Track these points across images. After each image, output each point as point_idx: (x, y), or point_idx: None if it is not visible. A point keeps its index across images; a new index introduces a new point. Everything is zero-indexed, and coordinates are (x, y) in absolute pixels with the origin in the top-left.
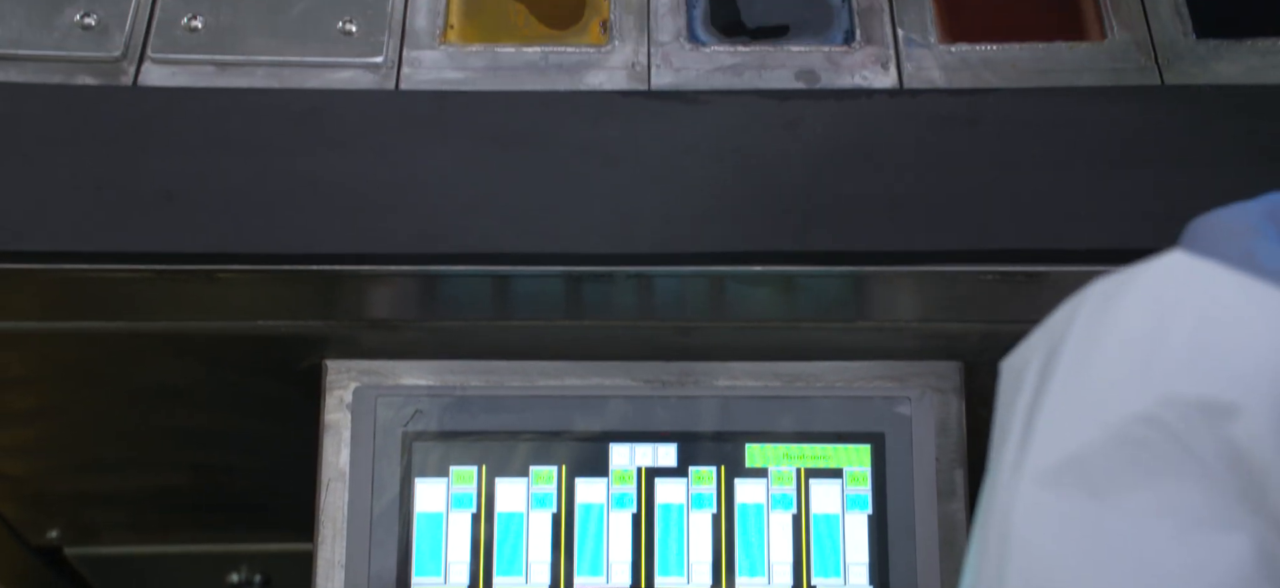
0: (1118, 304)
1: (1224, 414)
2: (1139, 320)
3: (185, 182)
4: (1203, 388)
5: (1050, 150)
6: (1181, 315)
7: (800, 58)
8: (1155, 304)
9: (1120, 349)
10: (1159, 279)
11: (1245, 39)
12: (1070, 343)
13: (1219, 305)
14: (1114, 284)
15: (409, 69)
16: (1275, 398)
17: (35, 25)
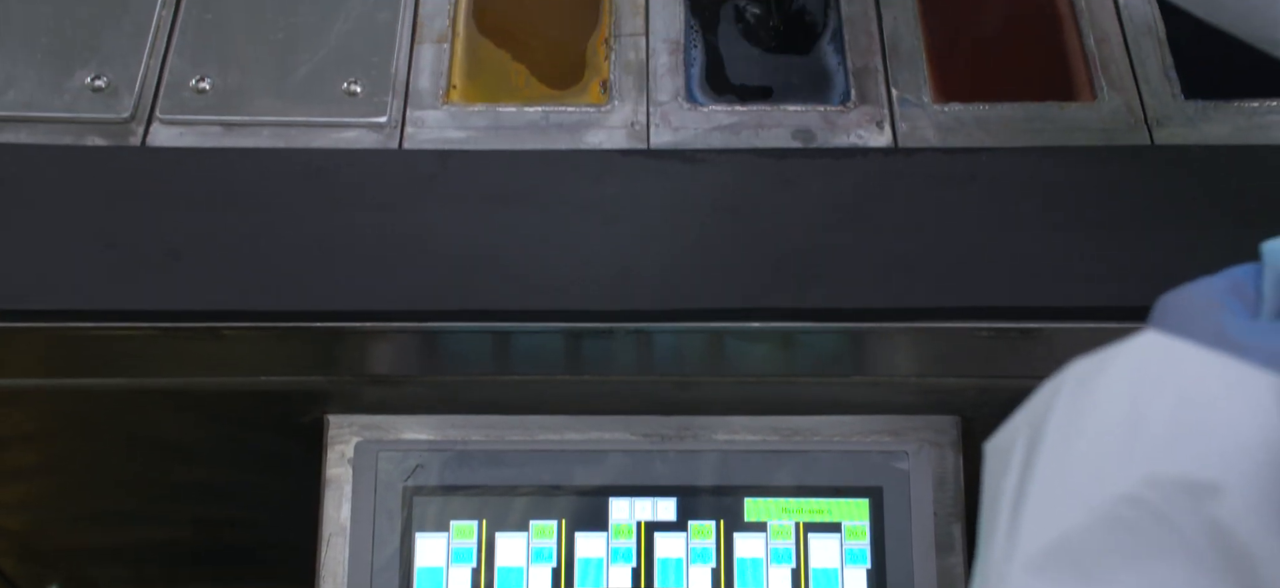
0: (1096, 386)
1: (1207, 493)
2: (1118, 402)
3: (191, 240)
4: (1185, 467)
5: (1043, 209)
6: (1159, 396)
7: (797, 117)
8: (1132, 385)
9: (1101, 431)
10: (1135, 360)
11: (1233, 101)
12: (1052, 426)
13: (1195, 385)
14: (1091, 366)
15: (412, 128)
16: (1256, 476)
17: (47, 88)
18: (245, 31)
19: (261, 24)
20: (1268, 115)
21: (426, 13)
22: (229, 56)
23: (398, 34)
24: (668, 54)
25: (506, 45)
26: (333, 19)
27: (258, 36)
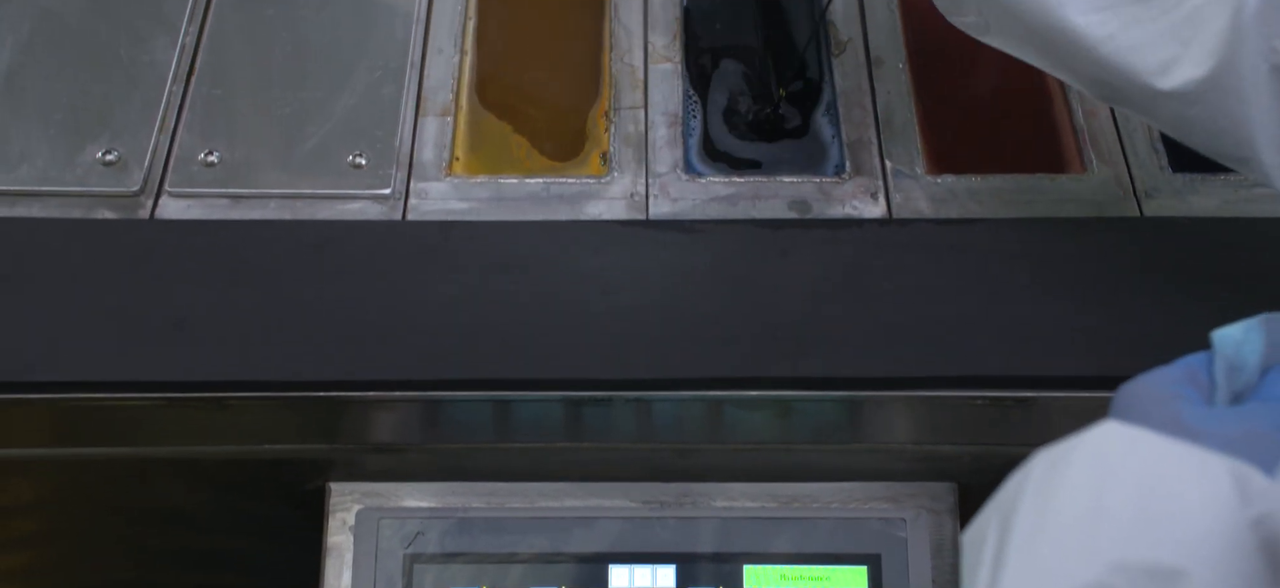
0: (1061, 476)
1: (1170, 579)
2: (1082, 492)
3: (197, 311)
4: (1149, 554)
5: (1035, 279)
6: (1122, 484)
7: (792, 188)
8: (1096, 475)
9: (1067, 521)
10: (1097, 450)
11: (1219, 174)
12: (1020, 517)
13: (1155, 472)
14: (1055, 456)
15: (416, 200)
16: (1218, 561)
17: (60, 163)
18: (253, 107)
19: (269, 99)
20: (1253, 188)
21: (430, 87)
22: (237, 131)
23: (402, 107)
24: (666, 127)
25: (508, 118)
26: (339, 94)
27: (266, 111)
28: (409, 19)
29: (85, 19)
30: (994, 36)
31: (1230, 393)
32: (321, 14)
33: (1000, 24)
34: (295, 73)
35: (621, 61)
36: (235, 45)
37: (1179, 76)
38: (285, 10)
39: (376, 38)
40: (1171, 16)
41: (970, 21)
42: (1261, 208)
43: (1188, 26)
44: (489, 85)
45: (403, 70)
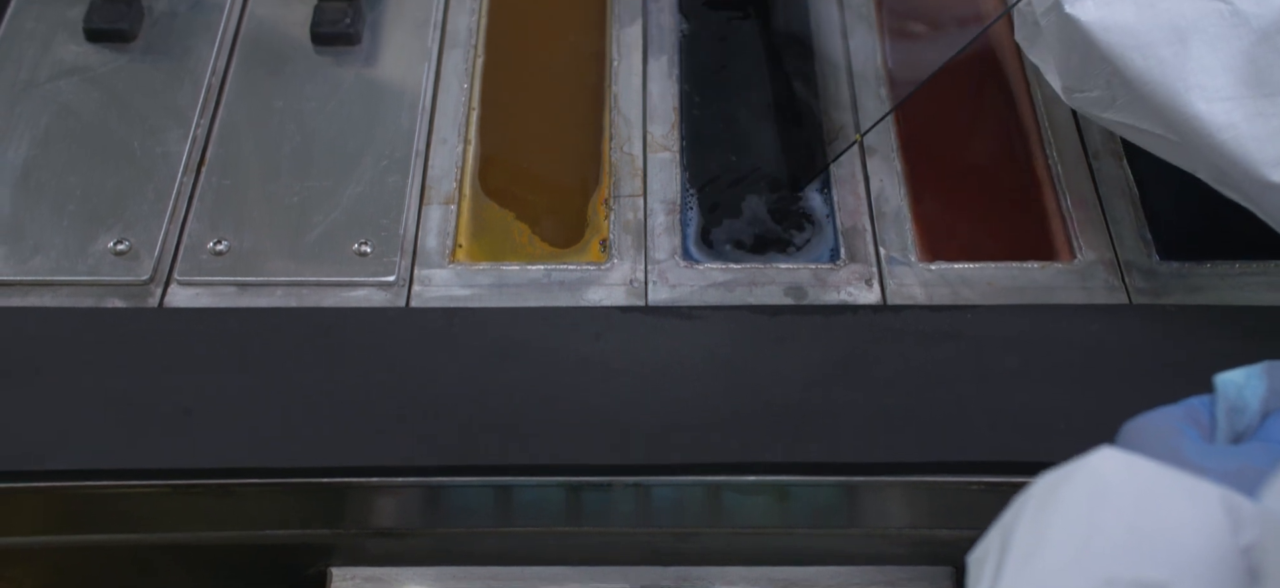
0: (1059, 497)
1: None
2: (1079, 511)
3: (203, 398)
4: (1139, 570)
5: (1028, 365)
6: (1117, 505)
7: (789, 275)
8: (1092, 496)
9: (1063, 538)
10: (1095, 473)
11: (1206, 262)
12: (1018, 535)
13: (1149, 495)
14: (1056, 478)
15: (419, 287)
16: (1205, 578)
17: (72, 254)
18: (262, 196)
19: (277, 189)
20: (1240, 276)
21: (434, 176)
22: (246, 220)
23: (407, 196)
24: (665, 214)
25: (510, 206)
26: (345, 183)
27: (274, 201)
28: (414, 109)
29: (101, 113)
30: (1116, 112)
31: (1231, 433)
32: (329, 105)
33: (1125, 101)
34: (303, 163)
35: (621, 151)
36: (245, 136)
37: None
38: (294, 102)
39: (382, 128)
40: None
41: (1095, 96)
42: (1248, 296)
43: None
44: (491, 174)
45: (408, 160)
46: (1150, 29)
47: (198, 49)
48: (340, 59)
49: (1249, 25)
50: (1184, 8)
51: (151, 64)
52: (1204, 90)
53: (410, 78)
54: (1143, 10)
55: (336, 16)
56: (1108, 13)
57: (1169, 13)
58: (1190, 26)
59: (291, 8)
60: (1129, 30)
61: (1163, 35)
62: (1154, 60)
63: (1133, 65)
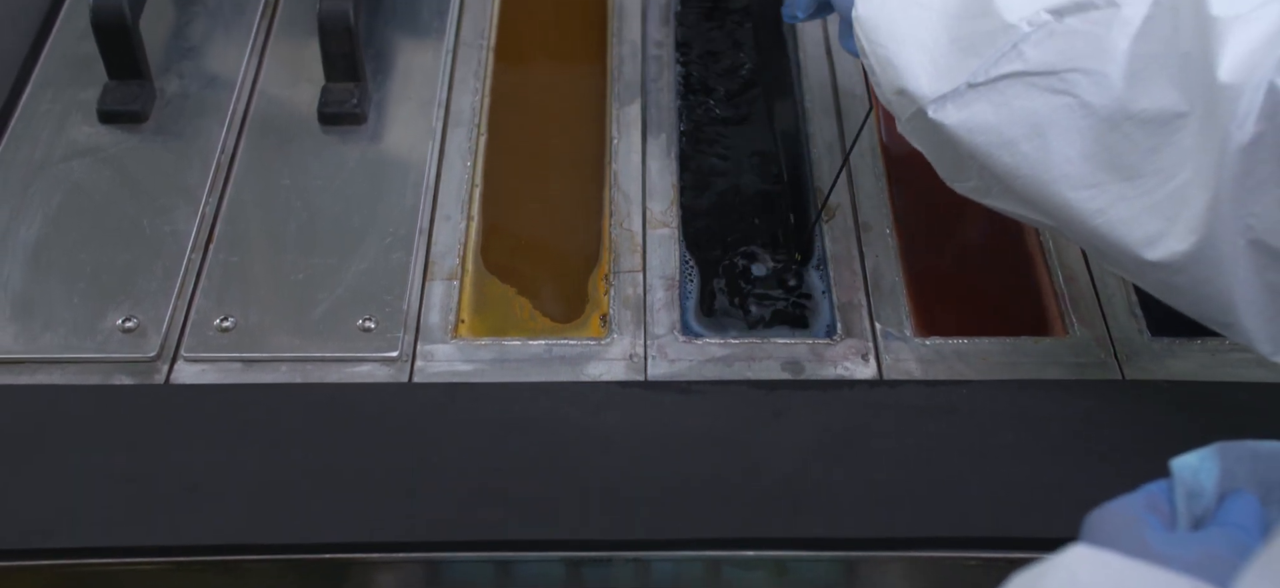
0: None
1: None
2: None
3: (209, 474)
4: None
5: (1023, 440)
6: None
7: (786, 350)
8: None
9: None
10: (1070, 572)
11: (1196, 338)
12: None
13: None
14: (1030, 578)
15: (422, 362)
16: None
17: (81, 331)
18: (268, 273)
19: (284, 266)
20: (1230, 353)
21: (438, 252)
22: (252, 296)
23: (411, 272)
24: (664, 289)
25: (512, 281)
26: (350, 259)
27: (280, 277)
28: (419, 187)
29: (112, 192)
30: (994, 200)
31: (1191, 518)
32: (335, 183)
33: (999, 191)
34: (309, 240)
35: (621, 227)
36: (253, 214)
37: (1164, 249)
38: (301, 180)
39: (387, 205)
40: (1155, 195)
41: (972, 186)
42: (1236, 372)
43: (1171, 204)
44: (494, 250)
45: (412, 236)
46: (1010, 126)
47: (208, 129)
48: (346, 138)
49: (1097, 115)
50: (1036, 104)
51: (162, 144)
52: (1069, 180)
53: (415, 156)
54: (1000, 109)
55: (343, 97)
56: (968, 116)
57: (1024, 110)
58: (1045, 121)
59: (299, 88)
60: (991, 129)
61: (1022, 132)
62: (1019, 156)
63: (1000, 162)
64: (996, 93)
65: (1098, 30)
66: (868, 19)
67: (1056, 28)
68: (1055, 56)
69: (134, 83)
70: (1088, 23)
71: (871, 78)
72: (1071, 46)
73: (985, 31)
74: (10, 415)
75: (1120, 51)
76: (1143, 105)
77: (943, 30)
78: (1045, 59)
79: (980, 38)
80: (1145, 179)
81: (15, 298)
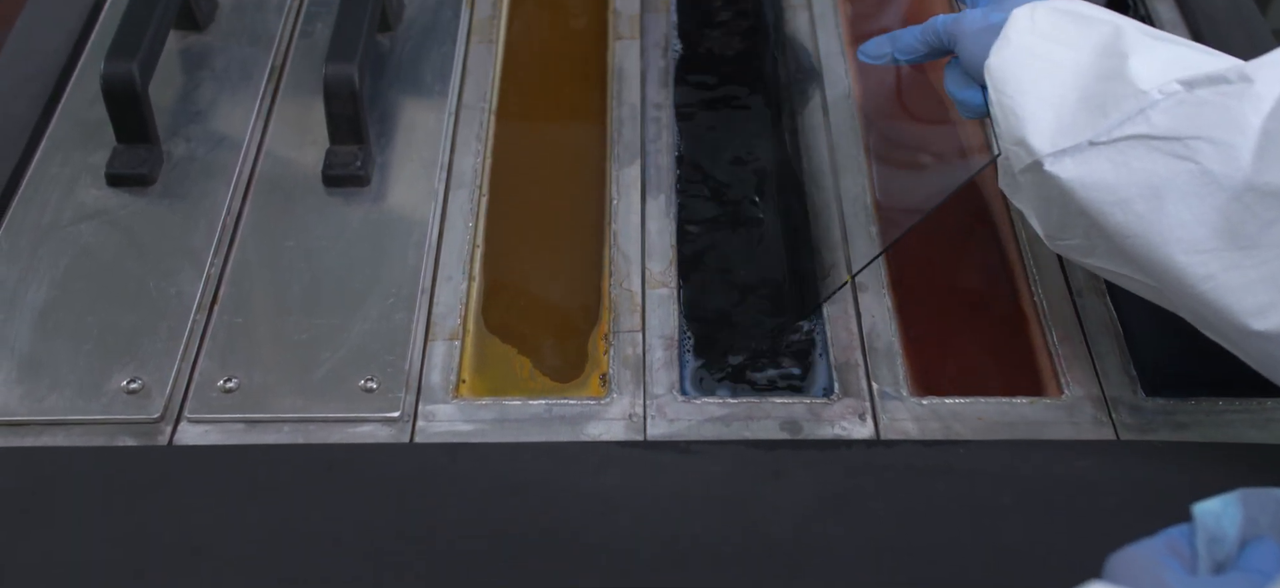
0: None
1: None
2: None
3: (211, 535)
4: None
5: (1020, 501)
6: None
7: (784, 409)
8: None
9: None
10: None
11: (1190, 398)
12: None
13: None
14: None
15: (423, 422)
16: None
17: (86, 393)
18: (272, 334)
19: (287, 326)
20: (1225, 413)
21: (439, 313)
22: (256, 357)
23: (412, 332)
24: (663, 349)
25: (512, 341)
26: (353, 320)
27: (283, 338)
28: (421, 248)
29: (119, 255)
30: (1096, 259)
31: (1212, 564)
32: (338, 244)
33: (1104, 250)
34: (312, 300)
35: (620, 287)
36: (257, 275)
37: (1274, 321)
38: (305, 241)
39: (390, 266)
40: (1270, 266)
41: (1075, 243)
42: (1233, 433)
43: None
44: (495, 310)
45: (414, 296)
46: (1127, 186)
47: (214, 191)
48: (350, 199)
49: (1220, 185)
50: (1157, 167)
51: (169, 207)
52: (1182, 243)
53: (417, 217)
54: (1119, 169)
55: (347, 159)
56: (1086, 172)
57: (1144, 171)
58: (1164, 184)
59: (304, 151)
60: (1107, 187)
61: (1139, 192)
62: (1132, 215)
63: (1111, 219)
64: (1118, 152)
65: (1229, 102)
66: (999, 69)
67: (1186, 97)
68: (1182, 124)
69: (142, 146)
70: (1219, 95)
71: (994, 127)
72: (1200, 116)
73: (1115, 94)
74: (14, 477)
75: (1252, 125)
76: (1269, 179)
77: (1072, 88)
78: (1172, 125)
79: (1109, 99)
80: (1261, 250)
81: (22, 360)
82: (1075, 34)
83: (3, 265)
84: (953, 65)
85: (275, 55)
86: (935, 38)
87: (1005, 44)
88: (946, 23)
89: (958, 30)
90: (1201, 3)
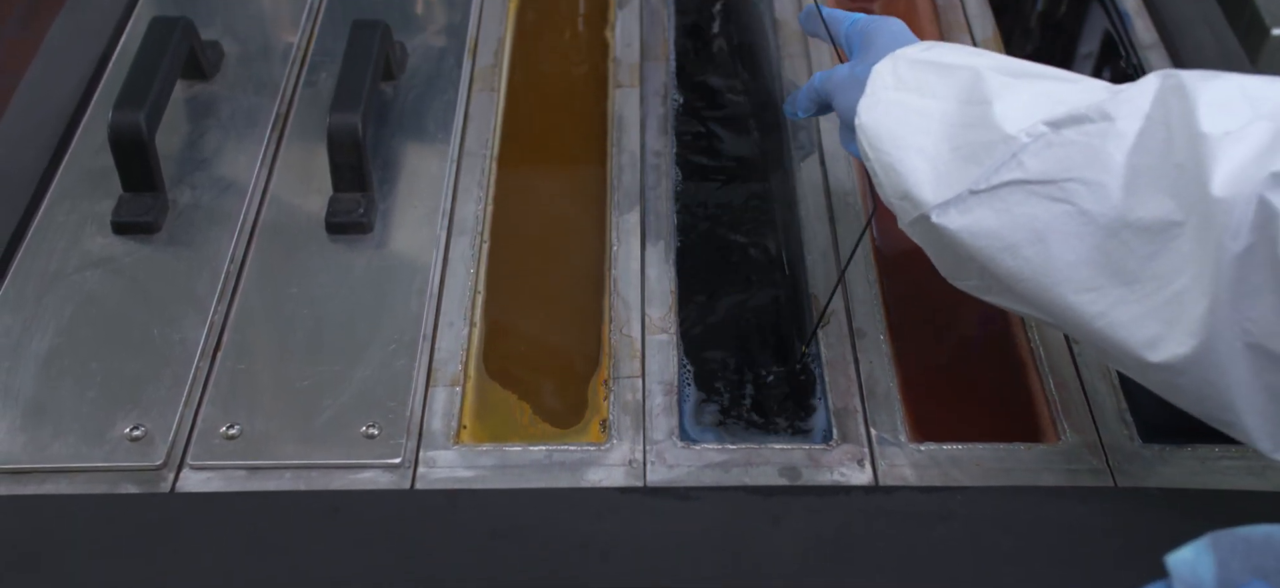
0: None
1: None
2: None
3: (212, 584)
4: None
5: (1018, 546)
6: None
7: (783, 455)
8: None
9: None
10: None
11: (1185, 446)
12: None
13: None
14: None
15: (425, 468)
16: None
17: (90, 440)
18: (274, 380)
19: (290, 373)
20: (1221, 460)
21: (440, 359)
22: (258, 404)
23: (414, 379)
24: (663, 395)
25: (513, 387)
26: (355, 366)
27: (285, 385)
28: (423, 294)
29: (123, 301)
30: (995, 298)
31: None
32: (341, 291)
33: (999, 290)
34: (315, 347)
35: (620, 333)
36: (260, 322)
37: (1165, 352)
38: (308, 288)
39: (391, 312)
40: (1155, 299)
41: (973, 284)
42: (1227, 479)
43: (1170, 308)
44: (495, 356)
45: (416, 343)
46: (1012, 231)
47: (218, 239)
48: (353, 246)
49: (1096, 223)
50: (1037, 210)
51: (174, 254)
52: (1071, 283)
53: (419, 263)
54: (1001, 215)
55: (350, 207)
56: (971, 220)
57: (1025, 216)
58: (1046, 227)
59: (308, 198)
60: (993, 234)
61: (1024, 237)
62: (1021, 260)
63: (1002, 265)
64: (998, 200)
65: (1094, 142)
66: (870, 126)
67: (1053, 139)
68: (1053, 166)
69: (148, 195)
70: (1083, 135)
71: (875, 182)
72: (1069, 157)
73: (985, 141)
74: (17, 526)
75: (1116, 163)
76: (1140, 214)
77: (943, 139)
78: (1044, 169)
79: (980, 147)
80: (1144, 284)
81: (26, 407)
82: (936, 83)
83: (8, 314)
84: (842, 125)
85: (280, 104)
86: (816, 96)
87: (873, 101)
88: (824, 79)
89: (831, 88)
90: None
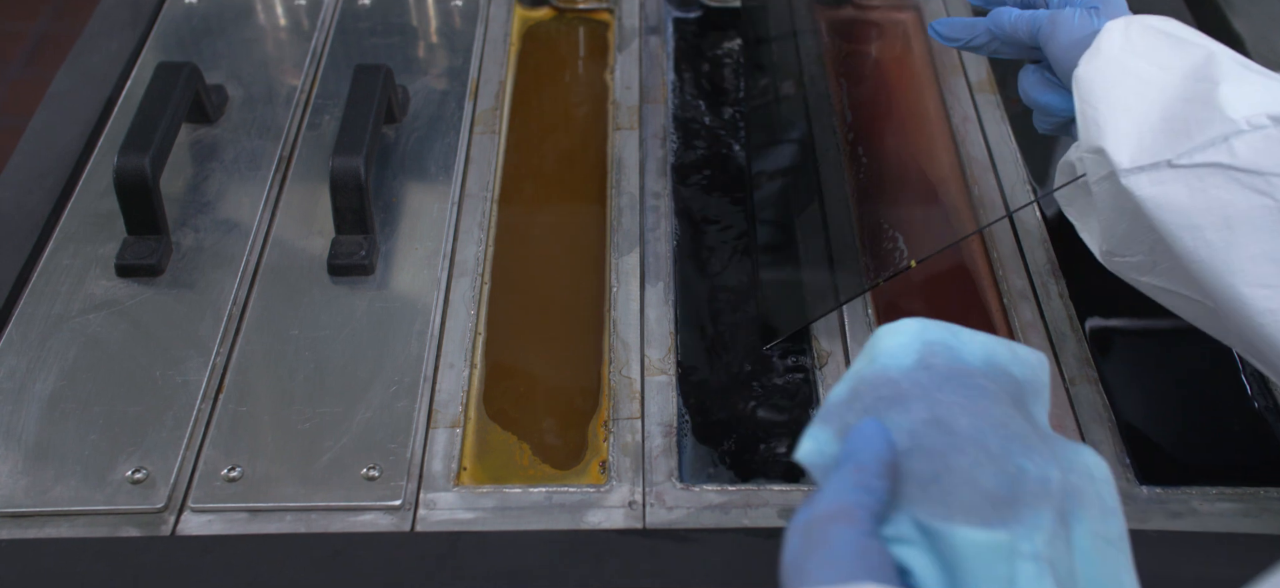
0: None
1: None
2: None
3: None
4: None
5: None
6: None
7: (782, 497)
8: None
9: None
10: None
11: (1180, 487)
12: None
13: None
14: None
15: (425, 510)
16: None
17: (91, 483)
18: (275, 423)
19: (291, 415)
20: (1218, 502)
21: (441, 400)
22: (259, 446)
23: (414, 420)
24: (662, 436)
25: (513, 428)
26: (356, 408)
27: (287, 427)
28: (424, 336)
29: (126, 344)
30: (1153, 277)
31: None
32: (342, 333)
33: (1166, 268)
34: (316, 389)
35: (620, 374)
36: (262, 364)
37: None
38: (309, 330)
39: (392, 354)
40: None
41: (1134, 260)
42: (1226, 523)
43: None
44: (496, 397)
45: (417, 384)
46: (1201, 212)
47: (221, 281)
48: (354, 288)
49: None
50: (1234, 197)
51: (176, 296)
52: (1247, 275)
53: (420, 305)
54: (1195, 193)
55: (352, 249)
56: (1161, 192)
57: (1219, 200)
58: (1239, 216)
59: (310, 240)
60: (1180, 210)
61: (1212, 220)
62: (1201, 241)
63: (1180, 242)
64: (1196, 178)
65: None
66: (1087, 78)
67: (1274, 134)
68: (1266, 159)
69: (152, 237)
70: None
71: (1078, 130)
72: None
73: (1199, 118)
74: (18, 571)
75: None
76: None
77: (1156, 106)
78: (1255, 159)
79: (1193, 123)
80: None
81: (28, 451)
82: (1168, 53)
83: (12, 356)
84: (1033, 69)
85: (283, 147)
86: (1003, 32)
87: (1097, 54)
88: (1043, 18)
89: (1053, 30)
90: None
